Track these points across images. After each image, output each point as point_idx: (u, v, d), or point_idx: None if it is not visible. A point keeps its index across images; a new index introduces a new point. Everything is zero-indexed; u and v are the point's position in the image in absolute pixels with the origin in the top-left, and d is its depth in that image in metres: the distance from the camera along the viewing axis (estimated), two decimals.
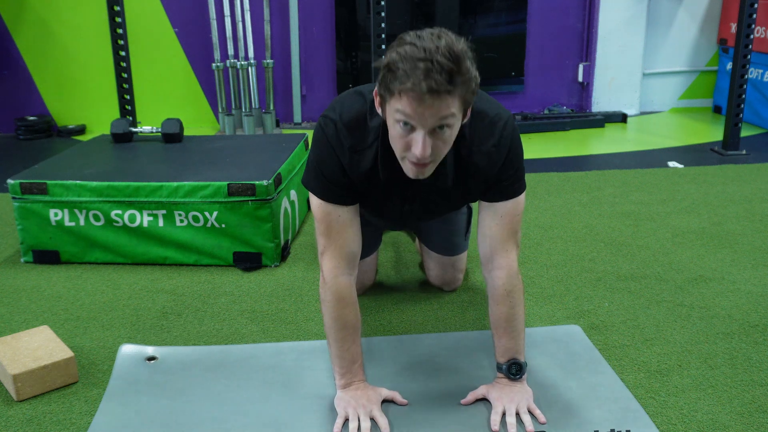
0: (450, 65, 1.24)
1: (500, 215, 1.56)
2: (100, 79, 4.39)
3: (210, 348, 1.84)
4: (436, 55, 1.23)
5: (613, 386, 1.63)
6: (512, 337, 1.57)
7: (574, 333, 1.88)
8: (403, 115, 1.30)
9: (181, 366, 1.75)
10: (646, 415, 1.52)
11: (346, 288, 1.55)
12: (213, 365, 1.75)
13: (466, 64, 1.26)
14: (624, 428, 1.47)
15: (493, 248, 1.57)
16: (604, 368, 1.70)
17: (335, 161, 1.50)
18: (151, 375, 1.71)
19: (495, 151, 1.49)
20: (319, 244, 1.57)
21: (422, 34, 1.28)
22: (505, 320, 1.57)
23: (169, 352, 1.81)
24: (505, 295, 1.56)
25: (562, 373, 1.69)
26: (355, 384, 1.56)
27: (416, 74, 1.24)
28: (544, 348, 1.80)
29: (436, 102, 1.26)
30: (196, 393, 1.63)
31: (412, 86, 1.24)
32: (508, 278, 1.56)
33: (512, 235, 1.57)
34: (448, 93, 1.26)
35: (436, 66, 1.23)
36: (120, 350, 1.80)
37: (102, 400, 1.60)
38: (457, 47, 1.26)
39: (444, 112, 1.28)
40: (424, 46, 1.25)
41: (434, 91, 1.24)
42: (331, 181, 1.52)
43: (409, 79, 1.25)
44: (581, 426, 1.48)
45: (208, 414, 1.55)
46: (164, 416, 1.55)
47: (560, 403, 1.57)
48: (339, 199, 1.54)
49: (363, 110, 1.48)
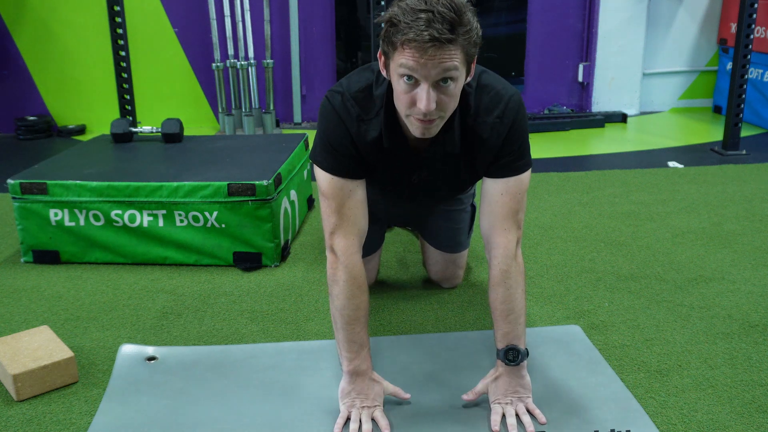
0: (451, 15, 1.25)
1: (501, 192, 1.53)
2: (100, 79, 4.39)
3: (210, 348, 1.84)
4: (437, 6, 1.26)
5: (613, 386, 1.63)
6: (509, 321, 1.52)
7: (574, 333, 1.88)
8: (407, 68, 1.30)
9: (181, 366, 1.74)
10: (646, 415, 1.52)
11: (360, 267, 1.53)
12: (213, 365, 1.75)
13: (467, 15, 1.28)
14: (624, 428, 1.47)
15: (493, 226, 1.53)
16: (604, 368, 1.70)
17: (344, 131, 1.49)
18: (151, 375, 1.71)
19: (499, 123, 1.48)
20: (329, 224, 1.53)
21: None
22: (502, 303, 1.52)
23: (169, 352, 1.81)
24: (501, 277, 1.52)
25: (562, 374, 1.68)
26: (362, 375, 1.53)
27: (418, 24, 1.25)
28: (545, 348, 1.79)
29: (439, 52, 1.26)
30: (196, 393, 1.63)
31: (414, 36, 1.25)
32: (504, 258, 1.52)
33: (512, 214, 1.53)
34: (450, 42, 1.26)
35: (438, 16, 1.25)
36: (120, 350, 1.79)
37: (102, 400, 1.60)
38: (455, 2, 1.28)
39: (447, 63, 1.28)
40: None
41: (436, 40, 1.25)
42: (341, 152, 1.50)
43: (411, 30, 1.26)
44: (581, 426, 1.48)
45: (208, 414, 1.55)
46: (164, 416, 1.54)
47: (560, 404, 1.56)
48: (349, 172, 1.51)
49: (369, 81, 1.49)
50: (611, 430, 1.46)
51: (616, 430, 1.46)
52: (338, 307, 1.52)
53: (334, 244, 1.52)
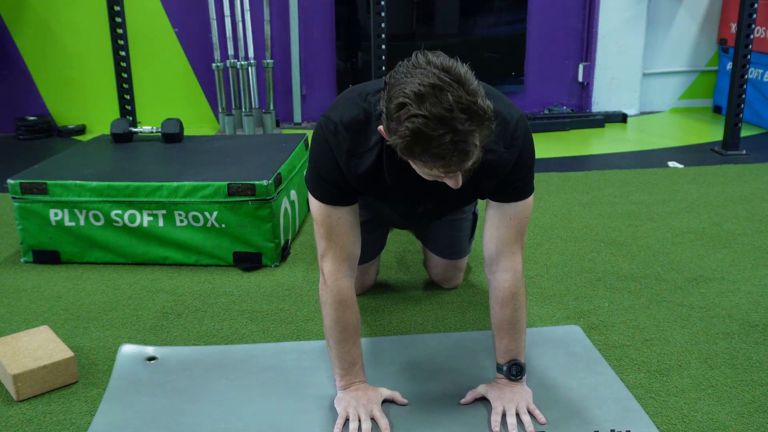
0: (472, 128, 1.19)
1: (509, 217, 1.53)
2: (100, 79, 4.39)
3: (210, 348, 1.84)
4: (457, 123, 1.18)
5: (613, 386, 1.63)
6: (514, 339, 1.56)
7: (574, 333, 1.88)
8: (428, 175, 1.30)
9: (182, 366, 1.75)
10: (646, 415, 1.52)
11: (347, 290, 1.54)
12: (213, 365, 1.75)
13: (480, 110, 1.20)
14: (624, 428, 1.47)
15: (500, 250, 1.55)
16: (604, 368, 1.71)
17: (333, 163, 1.46)
18: (151, 375, 1.71)
19: (506, 152, 1.46)
20: (320, 247, 1.55)
21: (427, 86, 1.18)
22: (509, 323, 1.55)
23: (169, 352, 1.81)
24: (510, 298, 1.55)
25: (562, 374, 1.69)
26: (356, 384, 1.56)
27: (441, 150, 1.19)
28: (545, 348, 1.80)
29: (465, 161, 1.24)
30: (197, 393, 1.63)
31: (442, 163, 1.22)
32: (514, 281, 1.55)
33: (519, 237, 1.55)
34: (474, 152, 1.23)
35: (460, 136, 1.18)
36: (120, 350, 1.80)
37: (102, 400, 1.60)
38: (468, 98, 1.18)
39: (473, 161, 1.26)
40: (441, 113, 1.17)
41: (462, 160, 1.23)
42: (329, 182, 1.49)
43: (438, 161, 1.22)
44: (581, 426, 1.49)
45: (208, 414, 1.55)
46: (164, 416, 1.55)
47: (560, 404, 1.57)
48: (337, 201, 1.51)
49: (367, 112, 1.44)
50: (611, 430, 1.47)
51: (616, 430, 1.47)
52: (327, 327, 1.56)
53: (324, 267, 1.54)
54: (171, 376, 1.71)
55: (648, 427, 1.48)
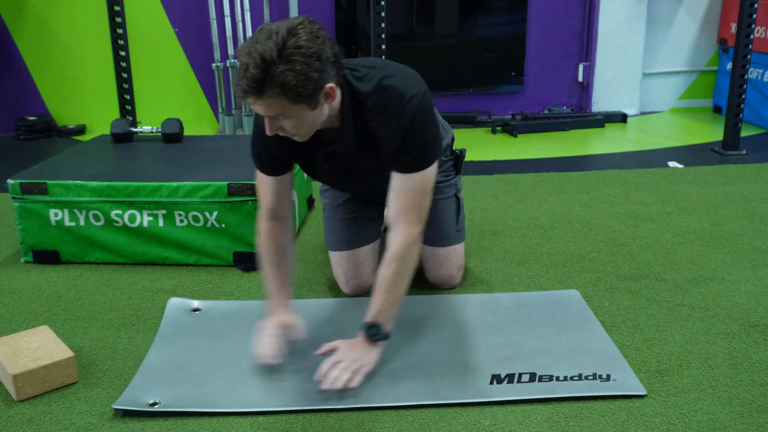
0: (257, 74, 1.35)
1: (404, 188, 1.62)
2: (100, 79, 4.39)
3: (247, 302, 2.08)
4: (250, 57, 1.36)
5: (600, 339, 1.83)
6: (387, 300, 1.64)
7: (572, 296, 2.08)
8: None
9: (222, 315, 2.00)
10: (625, 363, 1.71)
11: (268, 227, 1.76)
12: (250, 315, 1.93)
13: (278, 67, 1.35)
14: (605, 372, 1.66)
15: (397, 217, 1.64)
16: (594, 325, 1.91)
17: (259, 138, 1.67)
18: (196, 322, 1.96)
19: (396, 124, 1.56)
20: None
21: (264, 31, 1.39)
22: (388, 282, 1.63)
23: (211, 305, 2.06)
24: (395, 259, 1.62)
25: (556, 328, 1.89)
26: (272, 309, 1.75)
27: (237, 76, 1.40)
28: (544, 308, 2.00)
29: (255, 102, 1.41)
30: (235, 335, 1.86)
31: (235, 88, 1.43)
32: (404, 245, 1.62)
33: (414, 208, 1.63)
34: (258, 97, 1.39)
35: (247, 73, 1.36)
36: (169, 303, 2.04)
37: (154, 340, 1.84)
38: (269, 54, 1.34)
39: (268, 111, 1.43)
40: (249, 49, 1.37)
41: (246, 94, 1.39)
42: (254, 153, 1.71)
43: (236, 88, 1.41)
44: (568, 369, 1.68)
45: (246, 351, 1.75)
46: (207, 353, 1.79)
47: (551, 352, 1.76)
48: (261, 168, 1.72)
49: None
50: (594, 373, 1.66)
51: (598, 374, 1.66)
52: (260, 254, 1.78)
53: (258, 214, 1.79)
54: (213, 323, 1.96)
55: (627, 373, 1.66)
